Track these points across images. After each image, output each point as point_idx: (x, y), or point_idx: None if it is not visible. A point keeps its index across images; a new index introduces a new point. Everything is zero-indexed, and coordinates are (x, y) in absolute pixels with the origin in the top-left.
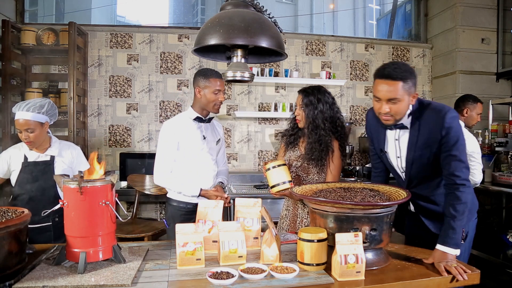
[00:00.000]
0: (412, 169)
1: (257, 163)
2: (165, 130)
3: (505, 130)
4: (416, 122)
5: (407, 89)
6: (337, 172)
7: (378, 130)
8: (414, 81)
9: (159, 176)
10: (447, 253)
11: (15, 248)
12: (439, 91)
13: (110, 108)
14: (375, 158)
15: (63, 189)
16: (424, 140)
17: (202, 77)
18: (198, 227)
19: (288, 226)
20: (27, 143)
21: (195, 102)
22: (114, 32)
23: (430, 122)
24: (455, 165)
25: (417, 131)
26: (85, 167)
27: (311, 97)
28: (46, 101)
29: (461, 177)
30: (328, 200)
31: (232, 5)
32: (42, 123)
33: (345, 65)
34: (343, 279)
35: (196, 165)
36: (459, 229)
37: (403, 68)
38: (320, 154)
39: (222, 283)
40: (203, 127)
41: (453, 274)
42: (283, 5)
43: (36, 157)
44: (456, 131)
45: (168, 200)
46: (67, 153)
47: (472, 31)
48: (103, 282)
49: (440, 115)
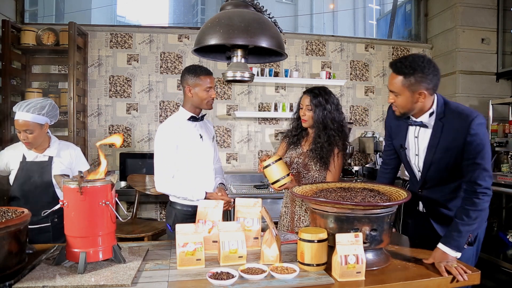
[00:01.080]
0: (429, 170)
1: (257, 163)
2: (162, 135)
3: (505, 130)
4: (439, 123)
5: (408, 85)
6: (339, 170)
7: (400, 125)
8: (423, 79)
9: (161, 184)
10: (448, 254)
11: (15, 248)
12: (439, 91)
13: (110, 108)
14: (388, 154)
15: (63, 189)
16: (446, 143)
17: (192, 75)
18: (198, 227)
19: (288, 223)
20: (25, 143)
21: (186, 101)
22: (114, 32)
23: (455, 125)
24: (479, 173)
25: (439, 132)
26: (84, 168)
27: (319, 98)
28: (47, 102)
29: (483, 186)
30: (329, 201)
31: (232, 5)
32: (41, 125)
33: (345, 65)
34: (344, 279)
35: (196, 165)
36: (466, 233)
37: (412, 64)
38: (327, 154)
39: (222, 283)
40: (198, 126)
41: (453, 275)
42: (283, 5)
43: (34, 157)
44: (482, 139)
45: (172, 204)
46: (66, 154)
47: (472, 31)
48: (103, 282)
49: (467, 120)
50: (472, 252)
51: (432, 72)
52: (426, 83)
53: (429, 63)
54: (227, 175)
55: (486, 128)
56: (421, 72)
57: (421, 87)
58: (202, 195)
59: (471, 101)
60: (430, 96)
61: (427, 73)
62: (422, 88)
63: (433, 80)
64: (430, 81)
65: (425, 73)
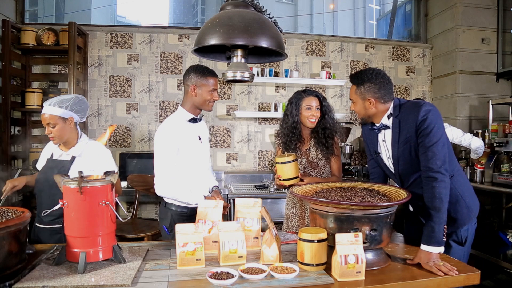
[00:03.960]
0: (399, 166)
1: (257, 163)
2: (162, 137)
3: (505, 130)
4: (396, 120)
5: (359, 93)
6: (340, 161)
7: (372, 133)
8: (371, 88)
9: (162, 187)
10: (432, 253)
11: (15, 248)
12: (439, 91)
13: (110, 108)
14: (371, 163)
15: (63, 189)
16: (405, 135)
17: (199, 74)
18: (198, 227)
19: (297, 223)
20: (50, 138)
21: (187, 100)
22: (114, 32)
23: (409, 117)
24: (428, 156)
25: (397, 128)
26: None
27: (327, 102)
28: (71, 96)
29: (434, 169)
30: (328, 201)
31: (232, 5)
32: (64, 119)
33: (345, 65)
34: (343, 279)
35: (195, 167)
36: (439, 226)
37: (362, 75)
38: (330, 142)
39: (222, 283)
40: (197, 127)
41: (445, 272)
42: (283, 5)
43: (59, 155)
44: (430, 123)
45: (167, 205)
46: (91, 155)
47: (472, 31)
48: (103, 282)
49: (416, 109)
50: (463, 252)
51: (380, 83)
52: (373, 91)
53: (377, 75)
54: (227, 175)
55: (437, 115)
56: (369, 82)
57: (369, 95)
58: (201, 199)
59: (471, 101)
60: (380, 103)
61: (375, 83)
62: (370, 96)
63: (381, 90)
64: (377, 90)
65: (372, 83)
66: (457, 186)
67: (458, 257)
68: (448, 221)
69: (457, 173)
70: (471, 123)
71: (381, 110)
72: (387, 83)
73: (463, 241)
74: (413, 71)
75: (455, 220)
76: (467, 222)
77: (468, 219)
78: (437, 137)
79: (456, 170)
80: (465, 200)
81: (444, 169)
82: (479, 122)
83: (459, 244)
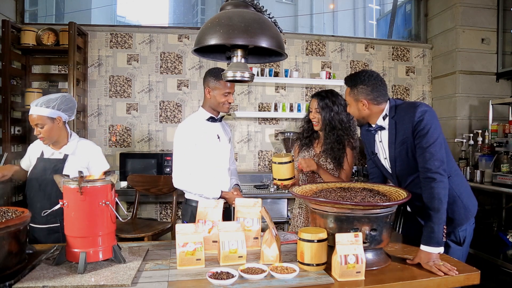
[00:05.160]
0: (397, 167)
1: (257, 163)
2: (181, 133)
3: (505, 130)
4: (392, 121)
5: (352, 95)
6: (351, 168)
7: (369, 134)
8: (364, 90)
9: (179, 180)
10: (432, 253)
11: (15, 248)
12: (439, 91)
13: (110, 108)
14: (370, 163)
15: (63, 189)
16: (401, 136)
17: (213, 78)
18: (198, 227)
19: (302, 223)
20: (40, 139)
21: (205, 102)
22: (114, 32)
23: (405, 118)
24: (426, 157)
25: (394, 129)
26: (103, 168)
27: (326, 100)
28: (58, 95)
29: (432, 170)
30: (328, 201)
31: (232, 5)
32: (52, 118)
33: (345, 65)
34: (343, 279)
35: (212, 164)
36: (438, 227)
37: (355, 78)
38: (339, 153)
39: (222, 283)
40: (216, 126)
41: (445, 272)
42: (283, 5)
43: (50, 154)
44: (426, 124)
45: (187, 201)
46: (83, 152)
47: (472, 31)
48: (103, 282)
49: (412, 110)
50: (462, 252)
51: (372, 85)
52: (366, 93)
53: (370, 77)
54: None
55: (433, 116)
56: (361, 84)
57: (362, 96)
58: (218, 193)
59: (471, 101)
60: (374, 105)
61: (368, 85)
62: (363, 98)
63: (374, 91)
64: (370, 91)
65: (365, 85)
66: (454, 187)
67: (456, 257)
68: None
69: (454, 173)
70: (471, 123)
71: (375, 112)
72: (380, 85)
73: (462, 241)
74: (413, 71)
75: (452, 220)
76: (465, 222)
77: (466, 219)
78: (434, 137)
79: (453, 170)
80: (462, 200)
81: (443, 170)
82: (479, 122)
83: (458, 244)
